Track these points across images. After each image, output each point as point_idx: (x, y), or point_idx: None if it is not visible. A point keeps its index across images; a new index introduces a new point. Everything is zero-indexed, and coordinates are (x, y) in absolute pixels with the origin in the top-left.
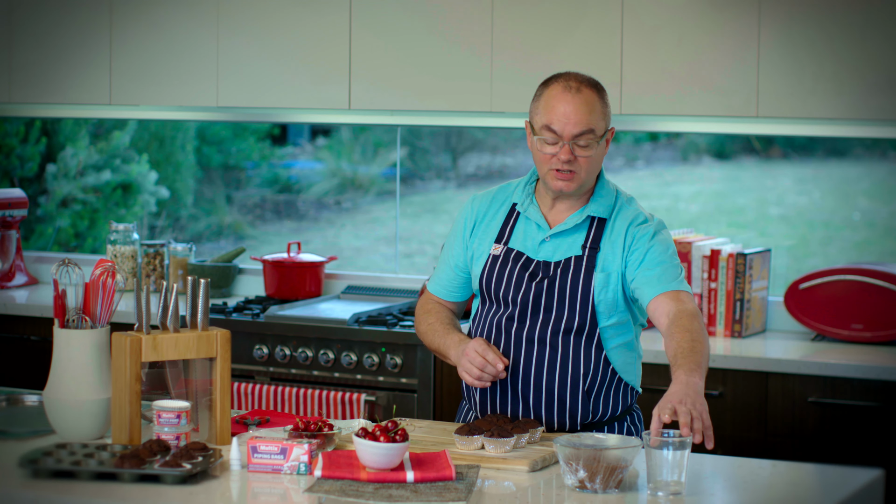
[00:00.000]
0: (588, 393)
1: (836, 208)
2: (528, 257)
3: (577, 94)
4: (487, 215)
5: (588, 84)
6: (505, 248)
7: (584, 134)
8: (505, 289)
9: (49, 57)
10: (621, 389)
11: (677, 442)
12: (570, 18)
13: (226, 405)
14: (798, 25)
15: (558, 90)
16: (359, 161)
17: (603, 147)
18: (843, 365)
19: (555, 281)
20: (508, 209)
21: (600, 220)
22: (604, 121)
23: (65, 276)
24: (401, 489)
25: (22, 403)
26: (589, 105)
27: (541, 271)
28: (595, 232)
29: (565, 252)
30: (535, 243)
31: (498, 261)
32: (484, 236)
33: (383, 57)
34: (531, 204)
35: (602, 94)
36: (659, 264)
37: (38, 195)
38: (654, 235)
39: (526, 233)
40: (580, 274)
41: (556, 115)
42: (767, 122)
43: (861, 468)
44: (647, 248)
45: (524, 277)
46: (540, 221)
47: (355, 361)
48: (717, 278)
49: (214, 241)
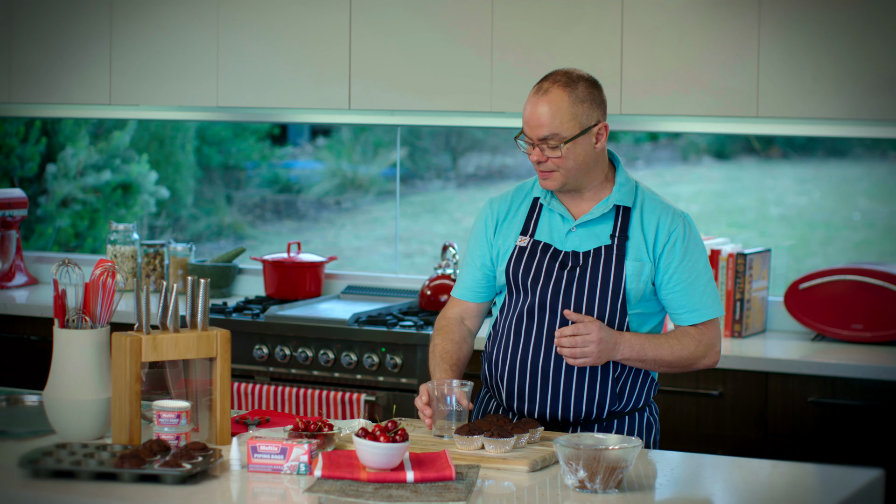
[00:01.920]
0: (616, 380)
1: (836, 208)
2: (556, 248)
3: (543, 97)
4: (509, 214)
5: (562, 84)
6: (531, 239)
7: (547, 138)
8: (534, 278)
9: (49, 57)
10: (647, 380)
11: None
12: (570, 18)
13: (226, 405)
14: (798, 25)
15: (532, 92)
16: (359, 161)
17: (584, 144)
18: (843, 365)
19: (586, 269)
20: (530, 204)
21: (625, 208)
22: (573, 121)
23: (65, 276)
24: (401, 489)
25: (22, 403)
26: (552, 107)
27: (570, 261)
28: (622, 221)
29: (594, 242)
30: (561, 234)
31: (525, 251)
32: (508, 232)
33: (383, 57)
34: (554, 197)
35: (577, 92)
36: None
37: (38, 195)
38: (686, 237)
39: (551, 224)
40: (612, 262)
41: (525, 117)
42: (767, 122)
43: (861, 468)
44: (681, 258)
45: (554, 267)
46: (564, 213)
47: (355, 361)
48: (718, 278)
49: (214, 241)
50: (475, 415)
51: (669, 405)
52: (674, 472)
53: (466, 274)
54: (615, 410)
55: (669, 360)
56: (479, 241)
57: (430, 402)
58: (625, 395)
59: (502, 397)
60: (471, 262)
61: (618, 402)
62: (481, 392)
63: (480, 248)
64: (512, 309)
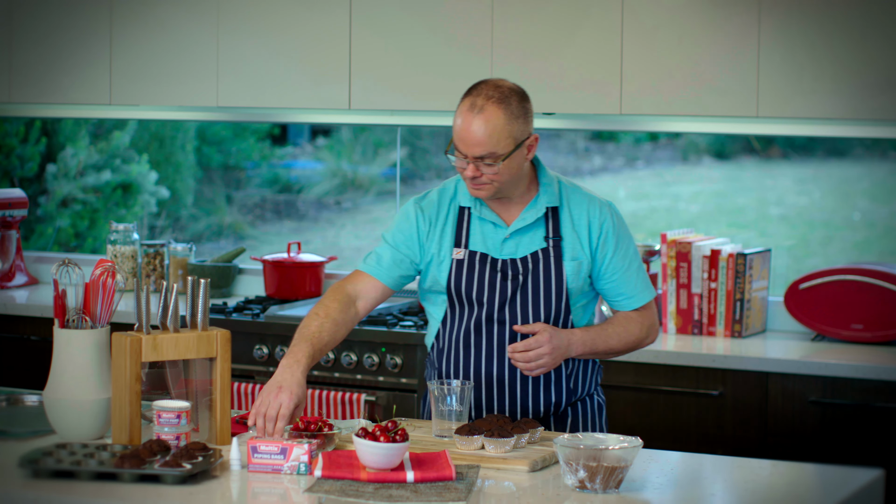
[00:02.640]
0: (569, 376)
1: (836, 208)
2: (493, 258)
3: (479, 115)
4: (438, 220)
5: (496, 101)
6: (467, 251)
7: (483, 157)
8: (478, 291)
9: (49, 57)
10: (595, 367)
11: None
12: (570, 18)
13: (226, 405)
14: (798, 25)
15: (465, 108)
16: (359, 161)
17: (518, 158)
18: (843, 365)
19: (528, 276)
20: (457, 212)
21: (553, 209)
22: (510, 138)
23: (65, 276)
24: (401, 489)
25: (22, 403)
26: (489, 126)
27: (510, 269)
28: (553, 222)
29: (529, 247)
30: (496, 243)
31: (463, 265)
32: (442, 240)
33: (383, 57)
34: (482, 205)
35: (511, 109)
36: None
37: (38, 195)
38: (615, 227)
39: (484, 233)
40: (551, 265)
41: (460, 135)
42: (767, 122)
43: (861, 468)
44: (615, 248)
45: (496, 278)
46: (496, 220)
47: (355, 361)
48: (718, 278)
49: (214, 241)
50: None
51: (670, 405)
52: (674, 472)
53: (384, 251)
54: (570, 401)
55: (619, 347)
56: (407, 236)
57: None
58: (578, 387)
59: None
60: (392, 245)
61: (573, 395)
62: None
63: (409, 242)
64: (458, 322)
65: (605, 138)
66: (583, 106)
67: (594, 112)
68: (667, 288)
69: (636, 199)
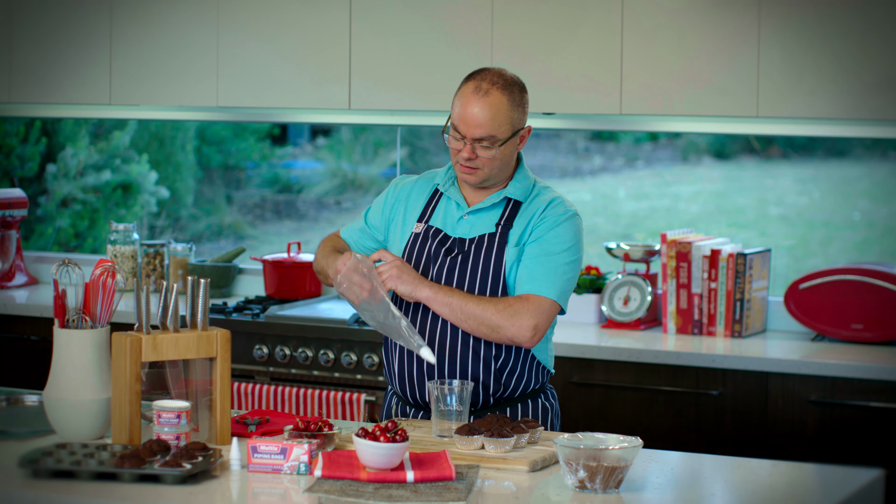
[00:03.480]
0: (500, 370)
1: (836, 208)
2: (446, 234)
3: (485, 98)
4: (411, 197)
5: (501, 86)
6: (426, 226)
7: (483, 139)
8: (425, 264)
9: (49, 57)
10: (534, 367)
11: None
12: (570, 19)
13: (226, 405)
14: (798, 25)
15: (469, 90)
16: (359, 161)
17: (512, 146)
18: (843, 365)
19: (468, 256)
20: (431, 191)
21: (516, 202)
22: (509, 124)
23: (65, 276)
24: (401, 489)
25: (22, 403)
26: (493, 109)
27: (456, 247)
28: (510, 212)
29: (480, 229)
30: (453, 221)
31: (419, 238)
32: (406, 216)
33: (383, 57)
34: (452, 185)
35: (514, 96)
36: (535, 261)
37: (38, 195)
38: (558, 223)
39: (446, 212)
40: (493, 249)
41: (462, 116)
42: (767, 122)
43: (861, 468)
44: (542, 234)
45: (440, 253)
46: (459, 200)
47: (355, 361)
48: (717, 278)
49: (214, 241)
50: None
51: (670, 405)
52: (674, 472)
53: (358, 222)
54: (505, 397)
55: (476, 312)
56: (380, 209)
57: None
58: (511, 383)
59: (395, 381)
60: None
61: (504, 390)
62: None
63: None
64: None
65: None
66: (583, 106)
67: (594, 112)
68: (667, 288)
69: (636, 199)
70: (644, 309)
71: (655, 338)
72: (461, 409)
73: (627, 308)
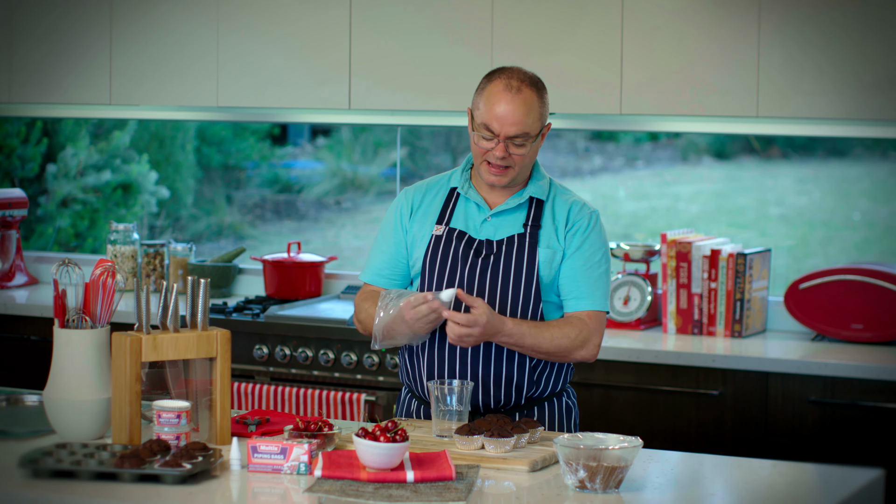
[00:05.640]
0: (534, 368)
1: (836, 208)
2: (471, 236)
3: (517, 95)
4: (424, 202)
5: (529, 83)
6: (447, 227)
7: (517, 136)
8: (451, 266)
9: (49, 57)
10: (564, 367)
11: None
12: (571, 19)
13: (226, 405)
14: (798, 25)
15: (500, 88)
16: (359, 161)
17: (537, 143)
18: (843, 365)
19: (500, 257)
20: (447, 193)
21: (538, 201)
22: (540, 121)
23: (65, 276)
24: (401, 489)
25: (22, 403)
26: (527, 106)
27: (484, 248)
28: (535, 212)
29: (507, 231)
30: (476, 223)
31: (441, 240)
32: (424, 220)
33: (384, 57)
34: (470, 187)
35: (541, 93)
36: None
37: (38, 195)
38: (589, 228)
39: (467, 213)
40: (524, 250)
41: (495, 114)
42: (767, 122)
43: (861, 468)
44: (580, 245)
45: (469, 255)
46: (480, 202)
47: (355, 361)
48: (717, 278)
49: (214, 241)
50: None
51: (670, 405)
52: (674, 472)
53: (375, 257)
54: (534, 396)
55: (548, 348)
56: (393, 228)
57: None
58: (542, 382)
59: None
60: (381, 247)
61: (535, 388)
62: (402, 393)
63: (395, 234)
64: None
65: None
66: (583, 106)
67: (594, 112)
68: (667, 288)
69: (636, 199)
70: (644, 309)
71: (655, 338)
72: (461, 409)
73: (627, 308)
